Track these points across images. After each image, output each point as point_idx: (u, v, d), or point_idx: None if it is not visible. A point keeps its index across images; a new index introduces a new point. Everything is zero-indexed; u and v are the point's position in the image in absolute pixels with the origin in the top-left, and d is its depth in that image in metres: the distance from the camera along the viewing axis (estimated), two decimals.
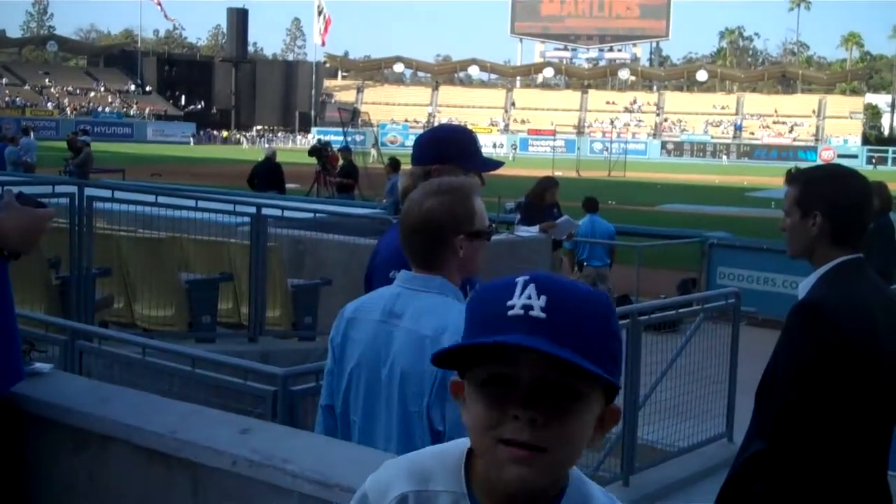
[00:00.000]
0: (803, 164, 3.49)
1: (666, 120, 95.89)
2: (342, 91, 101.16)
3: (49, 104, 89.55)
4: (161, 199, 9.28)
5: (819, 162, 54.76)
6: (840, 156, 77.15)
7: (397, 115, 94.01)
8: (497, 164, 3.40)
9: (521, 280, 1.29)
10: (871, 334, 2.83)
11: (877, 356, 2.83)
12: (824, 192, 2.99)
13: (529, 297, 1.26)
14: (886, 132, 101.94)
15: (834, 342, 2.76)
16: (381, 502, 1.40)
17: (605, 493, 1.41)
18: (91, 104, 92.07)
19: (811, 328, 2.80)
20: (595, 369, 1.24)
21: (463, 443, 1.38)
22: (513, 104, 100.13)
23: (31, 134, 27.30)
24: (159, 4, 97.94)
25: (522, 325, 1.25)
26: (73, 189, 8.62)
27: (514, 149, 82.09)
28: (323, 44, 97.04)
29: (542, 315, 1.25)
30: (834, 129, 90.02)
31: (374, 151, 38.27)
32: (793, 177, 3.13)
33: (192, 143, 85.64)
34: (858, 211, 3.03)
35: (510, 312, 1.26)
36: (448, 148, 3.20)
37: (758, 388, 3.06)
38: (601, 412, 1.32)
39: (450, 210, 2.58)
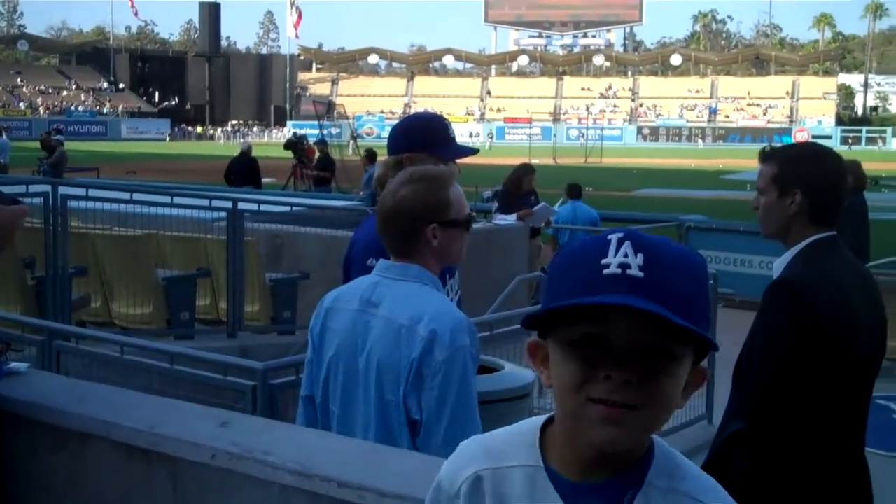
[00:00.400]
0: (777, 144, 3.45)
1: (641, 105, 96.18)
2: (317, 84, 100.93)
3: (21, 104, 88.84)
4: (136, 197, 9.22)
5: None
6: (814, 137, 77.27)
7: (373, 106, 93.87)
8: (470, 150, 3.36)
9: (614, 237, 1.25)
10: (846, 312, 2.84)
11: (852, 333, 2.84)
12: (803, 170, 2.97)
13: (626, 256, 1.23)
14: (860, 112, 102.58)
15: (809, 320, 2.76)
16: (453, 486, 1.38)
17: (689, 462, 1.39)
18: (64, 103, 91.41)
19: (787, 307, 2.80)
20: (699, 331, 1.22)
21: (537, 420, 1.37)
22: (488, 93, 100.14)
23: (4, 134, 27.08)
24: (132, 4, 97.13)
25: (620, 284, 1.22)
26: (48, 188, 8.55)
27: (491, 137, 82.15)
28: (296, 36, 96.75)
29: (640, 274, 1.22)
30: (808, 110, 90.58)
31: (353, 144, 38.17)
32: (768, 155, 3.08)
33: (167, 140, 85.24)
34: (836, 189, 3.02)
35: (606, 271, 1.23)
36: (418, 136, 3.19)
37: (734, 369, 3.07)
38: (689, 373, 1.30)
39: (422, 199, 2.58)
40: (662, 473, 1.31)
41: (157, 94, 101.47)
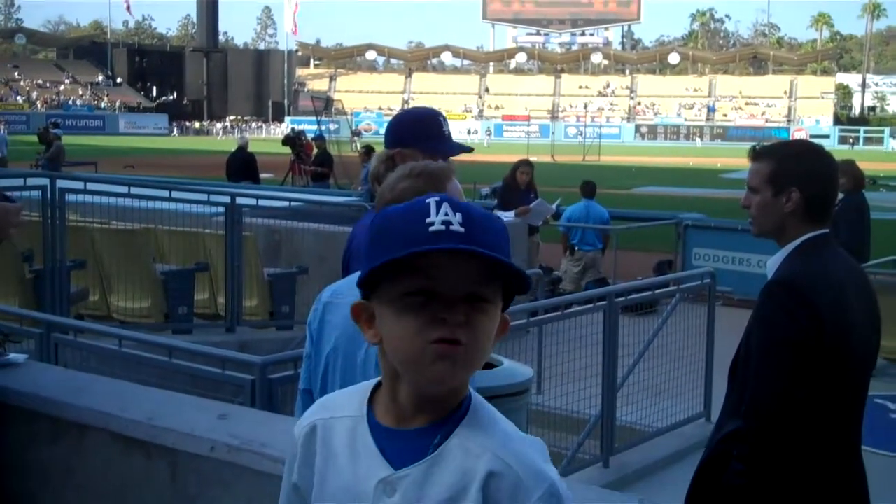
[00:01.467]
0: (766, 142, 3.43)
1: (639, 103, 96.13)
2: (315, 80, 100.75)
3: (19, 98, 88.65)
4: (134, 191, 9.22)
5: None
6: (812, 136, 77.56)
7: (371, 102, 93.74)
8: (463, 148, 3.29)
9: (433, 200, 1.41)
10: (843, 310, 2.83)
11: (849, 331, 2.83)
12: (799, 168, 2.95)
13: (447, 215, 1.39)
14: (857, 112, 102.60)
15: (809, 319, 2.75)
16: (297, 435, 1.54)
17: (510, 423, 1.49)
18: (61, 97, 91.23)
19: (786, 306, 2.79)
20: (517, 268, 1.39)
21: (371, 382, 1.52)
22: (486, 90, 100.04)
23: (2, 128, 27.04)
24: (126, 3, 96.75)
25: (445, 238, 1.37)
26: (45, 182, 8.55)
27: (489, 134, 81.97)
28: (295, 31, 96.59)
29: (461, 229, 1.38)
30: (806, 109, 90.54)
31: (355, 141, 38.13)
32: (760, 153, 3.06)
33: (175, 135, 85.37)
34: (831, 186, 3.02)
35: (431, 228, 1.38)
36: (409, 132, 3.16)
37: (730, 368, 3.06)
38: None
39: (421, 193, 2.57)
40: (472, 426, 1.44)
41: (154, 88, 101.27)
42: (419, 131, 3.15)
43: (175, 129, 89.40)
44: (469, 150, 3.38)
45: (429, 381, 1.40)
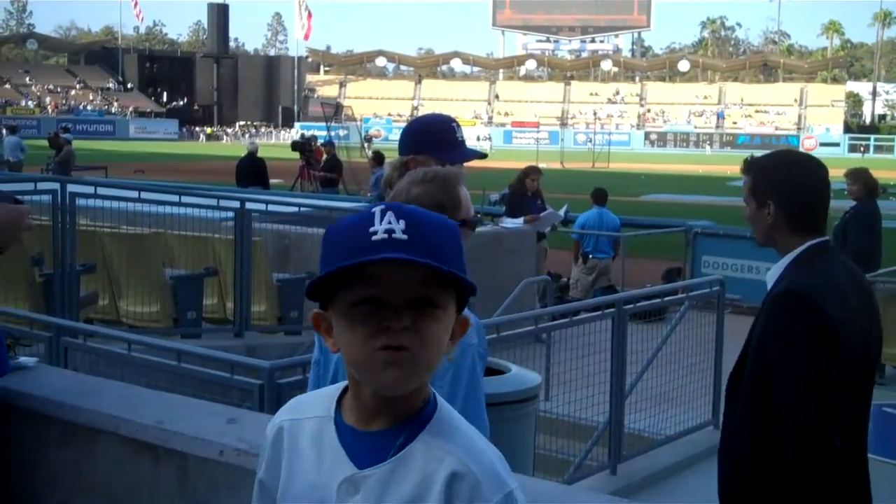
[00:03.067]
0: (759, 152, 3.43)
1: (649, 111, 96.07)
2: (325, 86, 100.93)
3: (30, 103, 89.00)
4: (144, 195, 9.25)
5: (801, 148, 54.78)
6: (822, 144, 77.50)
7: (380, 109, 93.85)
8: (476, 154, 3.30)
9: (377, 209, 1.43)
10: (850, 317, 2.83)
11: (856, 340, 2.84)
12: (775, 180, 2.97)
13: (390, 223, 1.41)
14: (868, 120, 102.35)
15: (823, 329, 2.74)
16: (266, 436, 1.59)
17: (476, 431, 1.52)
18: (72, 102, 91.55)
19: (800, 318, 2.77)
20: (459, 274, 1.40)
21: (341, 385, 1.55)
22: (496, 96, 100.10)
23: (16, 133, 27.10)
24: (136, 6, 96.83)
25: (387, 246, 1.39)
26: (56, 186, 8.58)
27: (489, 140, 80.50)
28: (306, 38, 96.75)
29: (404, 236, 1.39)
30: (816, 117, 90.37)
31: (367, 147, 38.11)
32: (747, 166, 3.09)
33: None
34: (813, 196, 2.98)
35: (374, 238, 1.40)
36: (422, 138, 3.16)
37: (729, 380, 3.03)
38: (454, 322, 1.48)
39: (436, 199, 2.57)
40: (436, 430, 1.46)
41: (165, 94, 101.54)
42: (432, 138, 3.15)
43: (203, 134, 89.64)
44: (483, 155, 3.38)
45: (382, 386, 1.42)
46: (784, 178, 2.97)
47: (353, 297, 1.41)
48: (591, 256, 13.09)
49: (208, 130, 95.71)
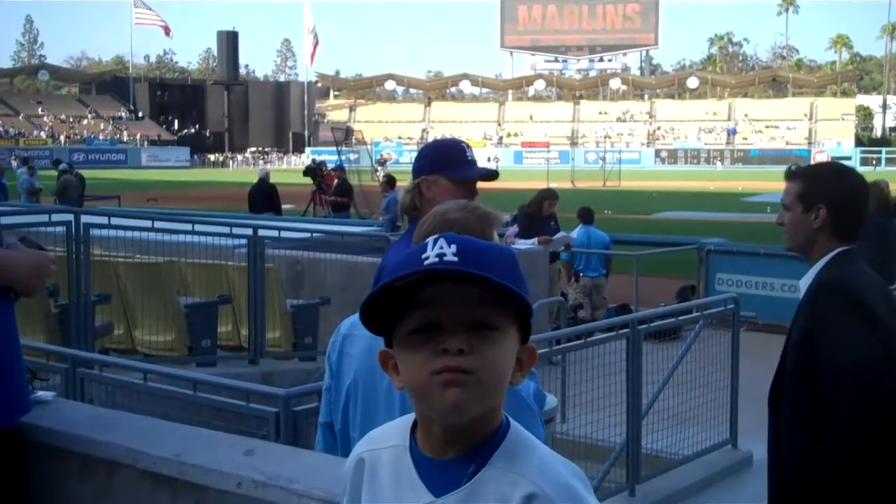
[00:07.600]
0: (802, 162, 3.63)
1: (659, 128, 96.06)
2: (335, 110, 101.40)
3: (42, 133, 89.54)
4: (157, 224, 9.29)
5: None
6: (833, 158, 77.23)
7: (391, 132, 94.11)
8: (488, 172, 3.22)
9: (431, 239, 1.44)
10: (888, 312, 3.00)
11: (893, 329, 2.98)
12: (827, 186, 3.17)
13: (441, 248, 1.41)
14: (879, 133, 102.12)
15: (867, 309, 2.93)
16: (346, 469, 1.59)
17: (552, 452, 1.49)
18: (84, 132, 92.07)
19: (844, 300, 2.95)
20: (509, 285, 1.38)
21: (411, 415, 1.53)
22: (505, 117, 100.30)
23: (27, 166, 27.00)
24: (164, 23, 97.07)
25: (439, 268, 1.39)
26: (70, 217, 8.63)
27: (497, 161, 79.50)
28: (311, 62, 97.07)
29: (455, 258, 1.40)
30: (826, 131, 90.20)
31: (379, 171, 38.17)
32: (793, 173, 3.28)
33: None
34: (858, 205, 3.20)
35: (426, 263, 1.40)
36: (434, 159, 3.14)
37: (770, 391, 3.14)
38: (519, 351, 1.46)
39: (470, 228, 2.49)
40: (507, 455, 1.44)
41: (176, 122, 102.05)
42: (443, 158, 3.13)
43: (197, 160, 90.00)
44: (495, 174, 3.31)
45: (444, 411, 1.41)
46: (837, 184, 3.19)
47: (411, 325, 1.42)
48: (581, 275, 13.11)
49: (211, 157, 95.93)
